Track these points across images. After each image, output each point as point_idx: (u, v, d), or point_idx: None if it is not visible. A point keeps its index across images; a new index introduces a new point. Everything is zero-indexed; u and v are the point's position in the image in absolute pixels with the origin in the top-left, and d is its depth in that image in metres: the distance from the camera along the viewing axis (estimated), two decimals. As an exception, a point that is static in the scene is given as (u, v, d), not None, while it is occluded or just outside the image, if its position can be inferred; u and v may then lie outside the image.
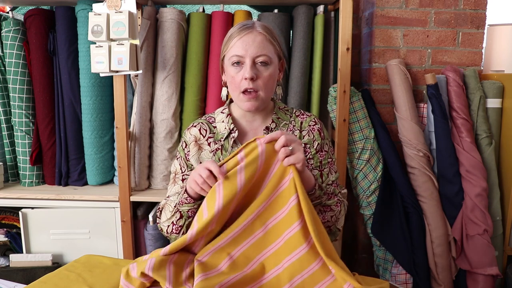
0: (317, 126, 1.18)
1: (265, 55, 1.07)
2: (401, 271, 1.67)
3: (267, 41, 1.09)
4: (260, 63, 1.07)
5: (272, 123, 1.17)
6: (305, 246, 0.92)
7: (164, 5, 1.78)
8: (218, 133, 1.17)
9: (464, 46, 1.76)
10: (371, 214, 1.69)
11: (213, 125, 1.19)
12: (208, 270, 0.93)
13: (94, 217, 1.68)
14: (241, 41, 1.07)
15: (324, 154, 1.18)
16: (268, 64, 1.09)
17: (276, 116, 1.18)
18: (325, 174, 1.17)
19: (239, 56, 1.07)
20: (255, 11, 1.89)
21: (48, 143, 1.75)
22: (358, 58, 1.97)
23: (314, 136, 1.17)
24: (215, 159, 1.16)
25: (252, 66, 1.07)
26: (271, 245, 0.96)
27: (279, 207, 0.96)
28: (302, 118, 1.20)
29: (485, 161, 1.63)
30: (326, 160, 1.18)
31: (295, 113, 1.21)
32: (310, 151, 1.16)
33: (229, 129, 1.15)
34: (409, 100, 1.65)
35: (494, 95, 1.65)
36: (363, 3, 1.92)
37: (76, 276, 1.09)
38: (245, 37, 1.07)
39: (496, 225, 1.64)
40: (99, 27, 1.48)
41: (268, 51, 1.08)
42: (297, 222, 0.93)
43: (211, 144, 1.17)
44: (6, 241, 1.76)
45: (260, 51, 1.07)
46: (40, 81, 1.70)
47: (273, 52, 1.10)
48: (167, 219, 1.10)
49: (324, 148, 1.18)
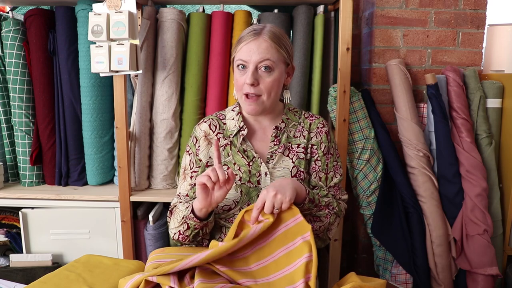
0: (325, 129, 1.22)
1: (268, 60, 1.10)
2: (401, 271, 1.67)
3: (273, 48, 1.11)
4: (264, 68, 1.10)
5: (282, 123, 1.20)
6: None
7: (164, 5, 1.78)
8: (228, 130, 1.20)
9: (464, 46, 1.76)
10: (371, 214, 1.69)
11: (223, 121, 1.23)
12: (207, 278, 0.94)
13: (94, 217, 1.68)
14: (246, 47, 1.11)
15: (330, 157, 1.21)
16: (271, 70, 1.11)
17: (286, 117, 1.22)
18: (329, 177, 1.21)
19: (244, 61, 1.11)
20: (255, 11, 1.89)
21: (48, 143, 1.75)
22: (358, 58, 1.97)
23: (322, 138, 1.21)
24: (224, 154, 1.18)
25: (254, 72, 1.10)
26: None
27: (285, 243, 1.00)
28: (311, 119, 1.24)
29: (485, 161, 1.63)
30: (331, 163, 1.21)
31: (304, 115, 1.25)
32: (318, 152, 1.20)
33: (239, 127, 1.18)
34: (409, 100, 1.65)
35: (494, 95, 1.65)
36: (363, 3, 1.92)
37: (76, 276, 1.09)
38: (251, 43, 1.10)
39: (496, 225, 1.64)
40: (99, 27, 1.48)
41: (272, 57, 1.10)
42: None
43: (220, 139, 1.20)
44: (6, 241, 1.76)
45: (263, 57, 1.09)
46: (40, 81, 1.70)
47: (278, 58, 1.12)
48: (175, 227, 1.13)
49: (330, 151, 1.22)
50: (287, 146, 1.18)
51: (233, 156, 1.17)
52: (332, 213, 1.14)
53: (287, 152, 1.18)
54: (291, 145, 1.19)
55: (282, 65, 1.14)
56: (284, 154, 1.18)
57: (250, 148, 1.17)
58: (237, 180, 1.14)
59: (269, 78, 1.11)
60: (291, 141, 1.20)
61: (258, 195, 1.13)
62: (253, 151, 1.16)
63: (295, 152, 1.18)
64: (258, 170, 1.15)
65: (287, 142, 1.19)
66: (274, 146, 1.18)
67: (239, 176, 1.15)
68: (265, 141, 1.20)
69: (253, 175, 1.15)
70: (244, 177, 1.14)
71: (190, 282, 0.94)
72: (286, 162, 1.17)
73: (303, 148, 1.19)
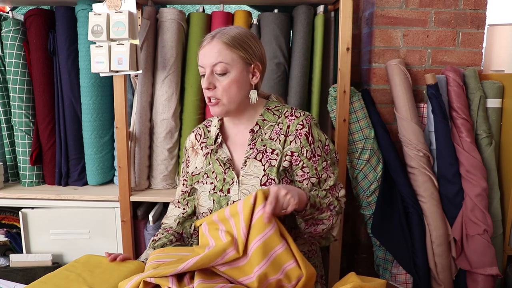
0: (305, 130, 1.12)
1: (221, 62, 1.08)
2: (401, 271, 1.67)
3: (225, 50, 1.08)
4: (219, 70, 1.08)
5: (256, 126, 1.16)
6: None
7: (164, 5, 1.78)
8: (211, 138, 1.21)
9: (464, 46, 1.75)
10: (371, 214, 1.69)
11: (208, 129, 1.25)
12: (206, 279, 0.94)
13: (94, 217, 1.68)
14: (202, 52, 1.11)
15: (317, 159, 1.13)
16: (226, 72, 1.09)
17: (261, 118, 1.17)
18: (323, 180, 1.14)
19: (201, 66, 1.11)
20: (255, 11, 1.89)
21: (48, 143, 1.75)
22: (358, 58, 1.97)
23: (302, 142, 1.12)
24: (205, 162, 1.19)
25: (209, 76, 1.09)
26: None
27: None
28: (290, 120, 1.15)
29: (485, 161, 1.63)
30: (320, 165, 1.13)
31: (284, 114, 1.16)
32: (301, 159, 1.12)
33: (216, 134, 1.19)
34: (409, 100, 1.65)
35: (494, 95, 1.65)
36: (363, 3, 1.92)
37: (76, 276, 1.08)
38: (205, 47, 1.10)
39: (496, 225, 1.63)
40: (99, 27, 1.48)
41: (225, 59, 1.08)
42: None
43: (203, 148, 1.22)
44: (6, 241, 1.76)
45: (215, 60, 1.08)
46: (40, 81, 1.70)
47: (233, 59, 1.09)
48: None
49: (316, 152, 1.13)
50: (261, 150, 1.14)
51: (212, 165, 1.17)
52: (334, 213, 1.10)
53: (260, 157, 1.13)
54: (266, 149, 1.13)
55: (241, 65, 1.10)
56: (257, 158, 1.13)
57: (225, 155, 1.15)
58: (211, 189, 1.15)
59: (225, 80, 1.09)
60: (266, 144, 1.14)
61: (228, 203, 1.11)
62: (225, 159, 1.15)
63: (268, 159, 1.12)
64: (232, 177, 1.13)
65: (261, 145, 1.14)
66: (250, 150, 1.15)
67: (213, 185, 1.15)
68: (243, 146, 1.17)
69: (226, 183, 1.14)
70: (218, 186, 1.14)
71: (189, 282, 0.94)
72: (258, 169, 1.12)
73: (276, 154, 1.12)
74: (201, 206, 1.18)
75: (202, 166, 1.20)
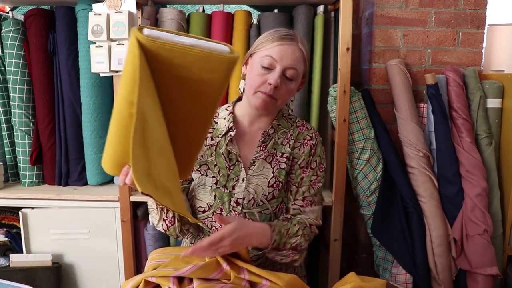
0: (311, 142, 1.18)
1: (295, 70, 1.09)
2: (401, 271, 1.67)
3: (302, 59, 1.11)
4: (289, 75, 1.09)
5: (271, 129, 1.18)
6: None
7: (164, 5, 1.78)
8: (218, 129, 1.18)
9: (464, 46, 1.76)
10: (371, 214, 1.69)
11: (215, 120, 1.20)
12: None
13: (94, 217, 1.68)
14: (280, 48, 1.08)
15: (308, 171, 1.17)
16: (293, 79, 1.10)
17: (277, 123, 1.19)
18: (301, 191, 1.16)
19: (274, 59, 1.07)
20: (255, 11, 1.89)
21: (48, 143, 1.75)
22: (358, 58, 1.97)
23: (305, 151, 1.17)
24: (207, 154, 1.16)
25: (280, 75, 1.08)
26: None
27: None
28: (301, 129, 1.21)
29: (485, 161, 1.63)
30: (308, 177, 1.17)
31: (296, 123, 1.22)
32: (296, 166, 1.18)
33: (228, 127, 1.16)
34: (409, 100, 1.65)
35: (494, 95, 1.65)
36: (363, 3, 1.92)
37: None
38: (286, 45, 1.08)
39: (496, 225, 1.63)
40: (99, 27, 1.48)
41: (299, 68, 1.11)
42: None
43: (207, 138, 1.18)
44: (6, 241, 1.76)
45: (293, 65, 1.08)
46: (40, 81, 1.70)
47: (301, 71, 1.12)
48: (158, 220, 1.13)
49: (311, 165, 1.18)
50: (271, 153, 1.16)
51: (215, 157, 1.16)
52: (296, 252, 1.10)
53: (270, 159, 1.16)
54: (276, 152, 1.17)
55: (300, 78, 1.14)
56: (267, 160, 1.15)
57: (235, 151, 1.15)
58: (212, 183, 1.14)
59: (289, 85, 1.11)
60: (277, 148, 1.17)
61: (230, 200, 1.12)
62: (237, 155, 1.15)
63: (278, 161, 1.16)
64: (237, 174, 1.13)
65: (272, 149, 1.17)
66: (259, 151, 1.16)
67: (215, 179, 1.14)
68: (252, 146, 1.18)
69: (231, 180, 1.13)
70: (221, 181, 1.13)
71: (189, 282, 0.94)
72: (267, 170, 1.14)
73: (286, 158, 1.16)
74: (199, 200, 1.15)
75: (203, 155, 1.18)
